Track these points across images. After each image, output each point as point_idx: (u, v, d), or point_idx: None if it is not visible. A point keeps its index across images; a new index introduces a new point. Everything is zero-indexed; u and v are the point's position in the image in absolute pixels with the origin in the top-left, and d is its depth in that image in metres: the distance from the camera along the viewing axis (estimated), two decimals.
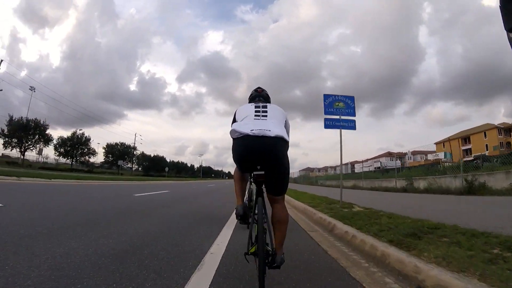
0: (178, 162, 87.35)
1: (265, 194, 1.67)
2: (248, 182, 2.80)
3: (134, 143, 64.89)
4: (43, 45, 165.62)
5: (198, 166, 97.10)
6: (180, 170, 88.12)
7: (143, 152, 72.63)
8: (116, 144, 63.43)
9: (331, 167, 59.57)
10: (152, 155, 74.94)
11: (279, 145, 1.56)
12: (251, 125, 1.60)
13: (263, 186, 1.65)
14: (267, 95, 2.11)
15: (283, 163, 1.61)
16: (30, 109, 41.84)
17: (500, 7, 1.16)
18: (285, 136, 1.59)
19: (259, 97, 2.05)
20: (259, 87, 2.13)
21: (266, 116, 1.72)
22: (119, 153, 61.25)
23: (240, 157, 1.63)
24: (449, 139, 45.06)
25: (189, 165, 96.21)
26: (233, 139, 1.62)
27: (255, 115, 1.73)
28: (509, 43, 1.16)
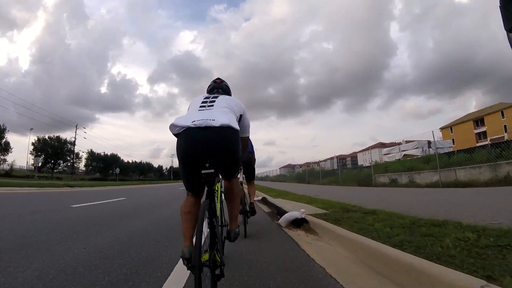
0: (141, 163, 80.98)
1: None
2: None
3: (75, 138, 46.85)
4: (12, 48, 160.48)
5: (168, 167, 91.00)
6: (144, 171, 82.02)
7: (91, 151, 60.65)
8: (50, 139, 48.02)
9: (322, 160, 58.17)
10: (103, 154, 63.58)
11: (225, 135, 1.39)
12: (193, 116, 1.44)
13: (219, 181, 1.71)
14: (227, 86, 2.02)
15: (234, 156, 1.46)
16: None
17: (500, 7, 1.19)
18: (233, 124, 1.42)
19: (218, 88, 1.97)
20: (218, 78, 2.04)
21: (212, 105, 1.59)
22: (52, 150, 46.94)
23: (184, 155, 1.40)
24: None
25: (156, 166, 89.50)
26: (175, 135, 1.42)
27: (201, 105, 1.61)
28: (509, 43, 1.20)
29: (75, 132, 45.89)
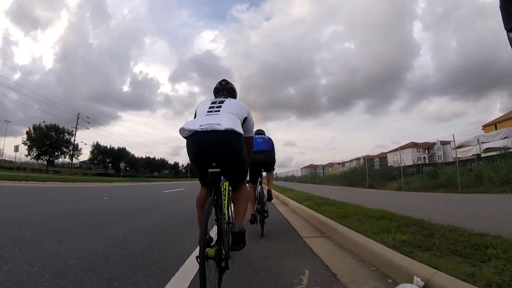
0: (154, 159, 76.07)
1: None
2: (257, 184, 3.64)
3: (76, 128, 42.81)
4: (36, 47, 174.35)
5: (185, 164, 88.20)
6: (156, 168, 76.90)
7: (97, 143, 57.40)
8: (46, 127, 43.02)
9: (347, 161, 51.62)
10: (109, 147, 59.74)
11: (231, 138, 1.58)
12: (200, 121, 1.63)
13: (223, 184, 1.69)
14: (232, 88, 2.17)
15: (238, 157, 1.66)
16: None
17: (500, 7, 1.21)
18: (237, 129, 1.61)
19: (223, 90, 2.11)
20: (223, 80, 2.16)
21: (219, 111, 1.76)
22: (49, 141, 42.64)
23: (193, 156, 1.61)
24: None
25: (172, 163, 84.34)
26: (185, 138, 1.62)
27: (208, 111, 1.77)
28: (509, 43, 1.21)
29: (76, 122, 41.04)
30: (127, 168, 65.92)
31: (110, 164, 58.83)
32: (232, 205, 1.89)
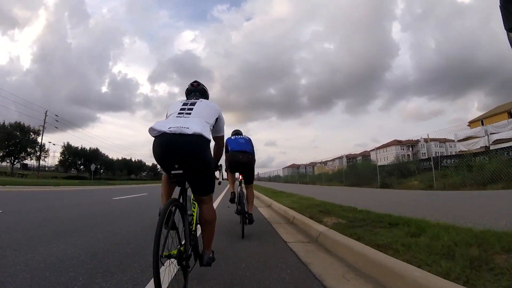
0: (130, 160, 72.96)
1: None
2: (237, 183, 3.87)
3: (44, 126, 38.58)
4: (13, 47, 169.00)
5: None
6: (133, 170, 73.67)
7: (67, 144, 53.14)
8: (10, 126, 39.00)
9: (329, 160, 51.72)
10: (80, 147, 55.13)
11: (196, 142, 1.61)
12: (170, 123, 1.66)
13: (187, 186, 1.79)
14: (204, 89, 2.22)
15: (203, 161, 1.68)
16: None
17: (500, 7, 1.22)
18: (205, 134, 1.66)
19: (195, 91, 2.17)
20: (195, 81, 2.22)
21: (190, 113, 1.80)
22: (12, 141, 38.46)
23: (158, 156, 1.66)
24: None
25: (150, 164, 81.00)
26: (153, 137, 1.66)
27: (179, 112, 1.81)
28: (509, 43, 1.22)
29: (44, 120, 37.95)
30: (101, 170, 62.54)
31: (82, 167, 55.23)
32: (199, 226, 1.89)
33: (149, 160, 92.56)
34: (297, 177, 37.82)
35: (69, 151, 52.22)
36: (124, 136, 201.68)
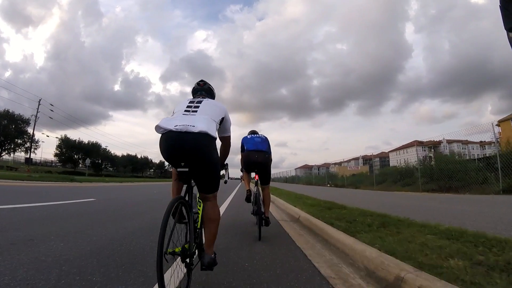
0: (135, 157, 69.28)
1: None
2: (253, 184, 3.86)
3: (36, 116, 35.14)
4: (27, 45, 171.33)
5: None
6: (138, 167, 70.03)
7: (65, 136, 50.48)
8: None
9: (345, 161, 47.45)
10: (76, 140, 51.73)
11: (202, 140, 1.64)
12: (177, 121, 1.69)
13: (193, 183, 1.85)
14: (210, 89, 2.24)
15: (209, 159, 1.71)
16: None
17: (500, 7, 1.22)
18: (210, 132, 1.68)
19: (201, 91, 2.19)
20: (201, 80, 2.25)
21: (196, 111, 1.83)
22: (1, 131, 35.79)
23: (164, 154, 1.71)
24: None
25: (158, 162, 77.19)
26: (159, 134, 1.72)
27: (185, 110, 1.84)
28: (509, 43, 1.22)
29: (37, 109, 34.31)
30: (103, 166, 59.30)
31: (81, 161, 51.84)
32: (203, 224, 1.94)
33: (157, 157, 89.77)
34: (326, 178, 31.26)
35: (66, 144, 49.40)
36: (136, 134, 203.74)
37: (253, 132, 3.95)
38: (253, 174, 3.88)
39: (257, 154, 3.54)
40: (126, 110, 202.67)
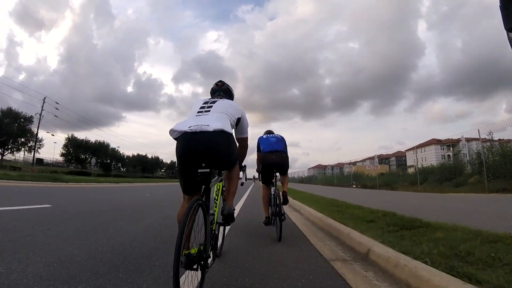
0: (145, 157, 68.43)
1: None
2: (272, 187, 3.54)
3: (41, 114, 33.93)
4: (40, 48, 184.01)
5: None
6: (147, 167, 69.19)
7: (72, 135, 49.42)
8: (2, 112, 35.71)
9: (359, 160, 45.51)
10: (83, 140, 50.38)
11: (219, 138, 1.62)
12: (190, 122, 1.67)
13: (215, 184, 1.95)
14: (229, 89, 2.22)
15: (230, 157, 1.72)
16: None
17: (500, 7, 1.20)
18: (226, 129, 1.66)
19: (219, 91, 2.18)
20: (220, 81, 2.24)
21: (209, 111, 1.82)
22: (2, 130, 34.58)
23: (182, 157, 1.64)
24: None
25: (168, 162, 76.32)
26: (175, 139, 1.67)
27: (198, 111, 1.83)
28: (509, 43, 1.21)
29: (42, 107, 33.43)
30: (112, 166, 58.71)
31: (88, 161, 51.22)
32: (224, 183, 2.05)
33: (168, 158, 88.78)
34: (352, 178, 27.49)
35: (72, 143, 48.69)
36: (148, 135, 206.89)
37: (268, 132, 3.95)
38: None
39: (274, 154, 3.53)
40: (139, 111, 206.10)
